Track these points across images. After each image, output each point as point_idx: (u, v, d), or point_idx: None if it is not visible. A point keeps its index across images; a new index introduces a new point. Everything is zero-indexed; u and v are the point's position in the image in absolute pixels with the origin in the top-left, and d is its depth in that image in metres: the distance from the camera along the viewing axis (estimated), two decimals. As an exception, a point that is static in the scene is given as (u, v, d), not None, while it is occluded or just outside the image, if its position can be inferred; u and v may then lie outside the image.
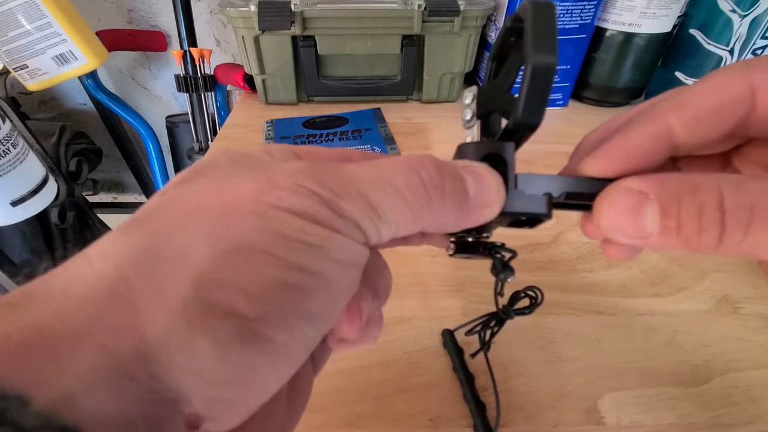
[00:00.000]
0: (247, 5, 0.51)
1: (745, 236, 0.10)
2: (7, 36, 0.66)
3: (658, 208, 0.11)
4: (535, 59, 0.11)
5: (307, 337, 0.11)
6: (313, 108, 0.62)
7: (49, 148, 0.79)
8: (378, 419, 0.25)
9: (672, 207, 0.11)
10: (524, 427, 0.25)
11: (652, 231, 0.11)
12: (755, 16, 0.48)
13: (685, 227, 0.11)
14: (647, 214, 0.11)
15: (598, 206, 0.13)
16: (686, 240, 0.11)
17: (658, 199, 0.11)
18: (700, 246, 0.11)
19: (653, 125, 0.13)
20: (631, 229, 0.12)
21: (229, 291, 0.10)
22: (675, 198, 0.11)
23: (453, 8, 0.52)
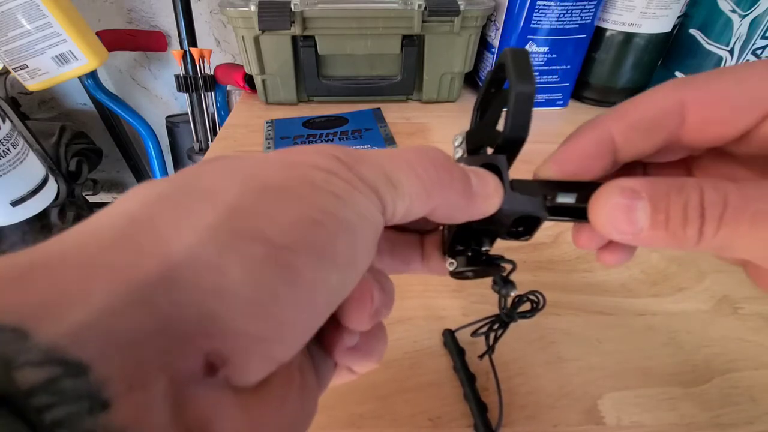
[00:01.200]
0: (247, 5, 0.51)
1: (718, 229, 0.11)
2: (7, 36, 0.66)
3: (649, 204, 0.12)
4: (518, 87, 0.14)
5: (330, 283, 0.11)
6: (313, 108, 0.62)
7: (49, 148, 0.79)
8: (378, 419, 0.25)
9: (661, 202, 0.12)
10: (525, 427, 0.25)
11: (643, 226, 0.12)
12: (755, 16, 0.48)
13: (673, 221, 0.12)
14: (639, 210, 0.12)
15: (595, 203, 0.13)
16: (673, 234, 0.12)
17: (649, 196, 0.12)
18: (685, 239, 0.12)
19: (595, 132, 0.15)
20: (625, 223, 0.13)
21: (259, 219, 0.10)
22: (664, 195, 0.12)
23: (453, 8, 0.52)
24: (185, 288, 0.09)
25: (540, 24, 0.53)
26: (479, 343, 0.30)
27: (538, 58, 0.56)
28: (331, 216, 0.11)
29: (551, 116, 0.61)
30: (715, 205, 0.12)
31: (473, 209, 0.14)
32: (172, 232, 0.09)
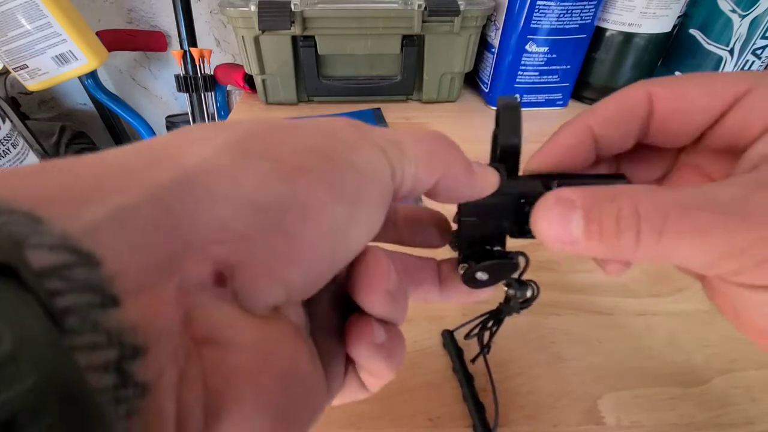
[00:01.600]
0: (247, 5, 0.51)
1: (660, 239, 0.11)
2: (7, 36, 0.66)
3: (582, 213, 0.12)
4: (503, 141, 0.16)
5: (337, 215, 0.11)
6: (313, 108, 0.62)
7: (49, 148, 0.79)
8: (378, 419, 0.25)
9: (593, 212, 0.12)
10: (524, 427, 0.25)
11: (578, 236, 0.12)
12: (755, 16, 0.48)
13: (606, 231, 0.12)
14: (573, 220, 0.12)
15: (534, 213, 0.14)
16: (608, 244, 0.12)
17: (583, 205, 0.12)
18: (621, 249, 0.12)
19: (575, 125, 0.15)
20: (562, 234, 0.13)
21: (272, 143, 0.11)
22: (596, 204, 0.12)
23: (453, 8, 0.52)
24: (198, 193, 0.09)
25: (540, 24, 0.53)
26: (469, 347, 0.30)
27: (538, 58, 0.56)
28: (340, 154, 0.12)
29: (551, 116, 0.61)
30: (654, 215, 0.11)
31: (474, 184, 0.15)
32: (189, 148, 0.10)
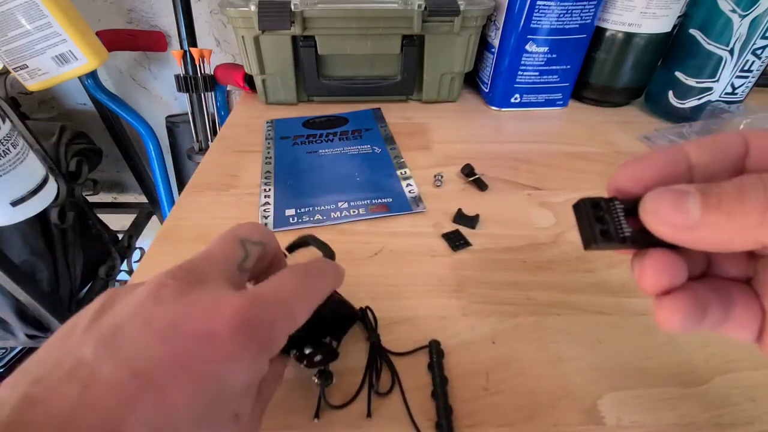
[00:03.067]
0: (247, 5, 0.51)
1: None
2: (7, 36, 0.65)
3: (699, 195, 0.13)
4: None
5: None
6: (313, 108, 0.62)
7: (49, 148, 0.79)
8: (378, 419, 0.25)
9: (712, 190, 0.13)
10: (524, 427, 0.25)
11: (695, 214, 0.12)
12: (755, 16, 0.48)
13: (726, 200, 0.12)
14: (690, 199, 0.13)
15: (645, 199, 0.14)
16: (729, 213, 0.12)
17: (699, 190, 0.13)
18: (745, 216, 0.12)
19: (673, 147, 0.16)
20: (675, 213, 0.13)
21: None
22: (713, 187, 0.13)
23: (453, 8, 0.52)
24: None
25: (540, 24, 0.53)
26: (482, 352, 0.30)
27: (538, 58, 0.56)
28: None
29: (551, 116, 0.61)
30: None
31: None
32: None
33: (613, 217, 0.15)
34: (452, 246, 0.37)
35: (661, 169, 0.15)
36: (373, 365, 0.28)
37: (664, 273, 0.15)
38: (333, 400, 0.26)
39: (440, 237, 0.38)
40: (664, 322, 0.15)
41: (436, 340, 0.29)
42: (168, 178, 0.98)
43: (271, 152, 0.51)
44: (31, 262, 0.79)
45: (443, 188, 0.45)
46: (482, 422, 0.25)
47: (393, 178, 0.46)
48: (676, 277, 0.15)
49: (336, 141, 0.53)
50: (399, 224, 0.40)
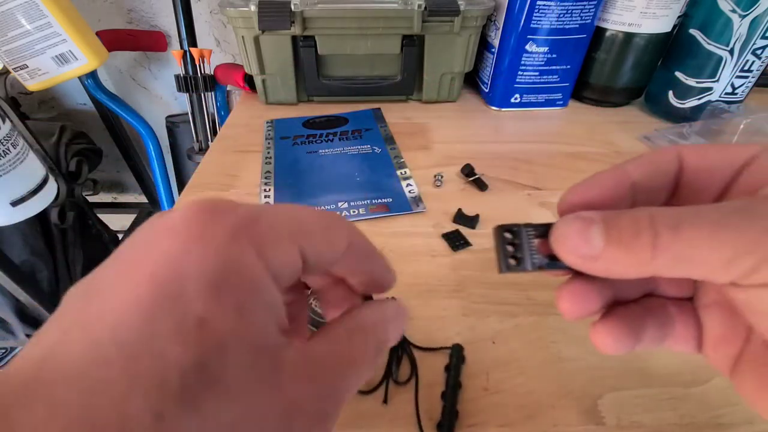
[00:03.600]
0: (247, 5, 0.51)
1: (676, 236, 0.12)
2: (7, 36, 0.65)
3: (602, 225, 0.13)
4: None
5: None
6: (313, 108, 0.62)
7: (49, 148, 0.79)
8: (378, 419, 0.25)
9: (613, 222, 0.13)
10: (524, 427, 0.25)
11: (598, 244, 0.13)
12: (755, 16, 0.48)
13: (625, 233, 0.13)
14: (594, 231, 0.13)
15: (554, 229, 0.15)
16: (627, 246, 0.13)
17: (602, 219, 0.13)
18: (640, 251, 0.12)
19: (615, 168, 0.16)
20: (581, 242, 0.13)
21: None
22: (615, 216, 0.13)
23: (453, 8, 0.52)
24: None
25: (540, 24, 0.53)
26: (482, 352, 0.30)
27: (538, 58, 0.56)
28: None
29: (551, 116, 0.61)
30: (669, 218, 0.12)
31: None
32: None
33: (526, 244, 0.16)
34: (452, 246, 0.37)
35: (604, 190, 0.16)
36: (394, 355, 0.28)
37: (576, 302, 0.15)
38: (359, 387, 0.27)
39: (440, 237, 0.38)
40: (598, 345, 0.16)
41: (459, 344, 0.29)
42: (168, 178, 0.98)
43: (271, 152, 0.51)
44: (31, 262, 0.79)
45: (443, 188, 0.45)
46: (482, 422, 0.25)
47: (393, 178, 0.46)
48: (588, 306, 0.16)
49: (336, 141, 0.53)
50: (399, 224, 0.40)
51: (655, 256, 0.12)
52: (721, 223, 0.12)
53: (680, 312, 0.16)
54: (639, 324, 0.16)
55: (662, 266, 0.12)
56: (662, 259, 0.12)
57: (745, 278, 0.12)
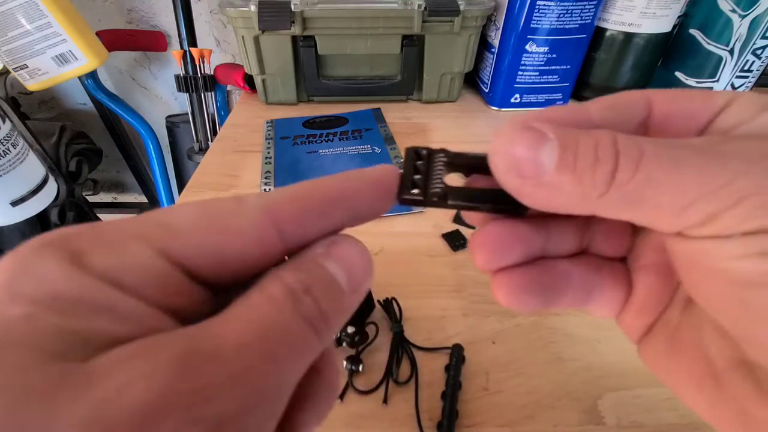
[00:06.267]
0: (247, 5, 0.51)
1: (635, 173, 0.10)
2: (7, 36, 0.66)
3: (557, 144, 0.11)
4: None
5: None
6: (313, 108, 0.62)
7: (49, 148, 0.79)
8: (378, 419, 0.25)
9: (570, 142, 0.11)
10: (524, 427, 0.25)
11: (548, 167, 0.11)
12: (755, 16, 0.48)
13: (581, 161, 0.11)
14: (545, 150, 0.11)
15: (496, 137, 0.12)
16: (581, 177, 0.11)
17: (557, 137, 0.11)
18: (594, 185, 0.11)
19: (573, 105, 0.13)
20: (528, 161, 0.11)
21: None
22: (573, 136, 0.11)
23: (453, 8, 0.52)
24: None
25: (540, 24, 0.53)
26: (482, 352, 0.30)
27: (538, 58, 0.56)
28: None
29: (551, 116, 0.61)
30: (631, 147, 0.10)
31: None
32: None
33: (432, 170, 0.13)
34: (452, 246, 0.37)
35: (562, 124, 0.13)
36: (394, 355, 0.28)
37: (495, 249, 0.13)
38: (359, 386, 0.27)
39: (440, 237, 0.38)
40: (498, 298, 0.13)
41: (459, 344, 0.29)
42: (168, 178, 0.98)
43: (271, 152, 0.51)
44: (31, 262, 0.79)
45: (443, 188, 0.45)
46: (482, 422, 0.25)
47: (393, 178, 0.46)
48: (510, 255, 0.13)
49: (336, 141, 0.53)
50: (399, 224, 0.40)
51: (608, 193, 0.11)
52: (683, 162, 0.10)
53: (612, 274, 0.15)
54: (554, 283, 0.14)
55: (607, 205, 0.11)
56: (612, 198, 0.11)
57: (695, 228, 0.10)
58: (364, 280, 0.12)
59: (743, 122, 0.12)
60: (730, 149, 0.10)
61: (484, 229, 0.13)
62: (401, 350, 0.29)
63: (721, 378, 0.12)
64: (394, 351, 0.28)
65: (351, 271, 0.12)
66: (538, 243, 0.14)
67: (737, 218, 0.09)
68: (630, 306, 0.15)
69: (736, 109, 0.12)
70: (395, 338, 0.29)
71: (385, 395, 0.27)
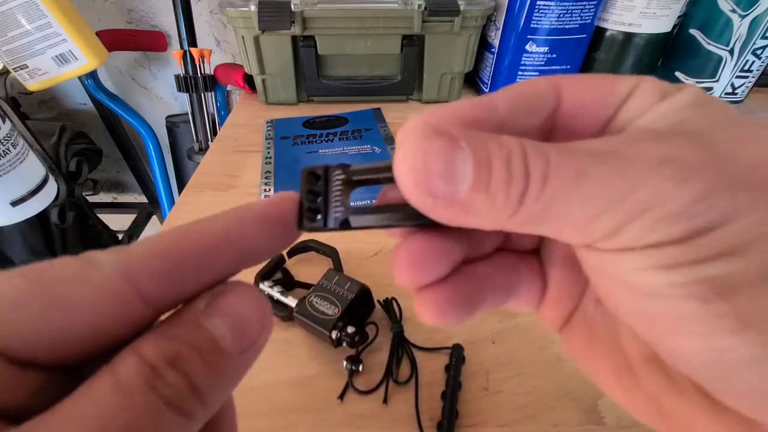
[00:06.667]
0: (247, 5, 0.51)
1: (543, 189, 0.09)
2: (7, 36, 0.65)
3: (471, 156, 0.10)
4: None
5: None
6: (313, 108, 0.62)
7: (49, 148, 0.79)
8: (378, 419, 0.25)
9: (482, 153, 0.10)
10: (524, 427, 0.25)
11: (463, 183, 0.10)
12: (755, 16, 0.48)
13: (495, 177, 0.09)
14: (458, 162, 0.10)
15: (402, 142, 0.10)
16: (493, 198, 0.10)
17: (470, 145, 0.10)
18: (505, 205, 0.10)
19: (479, 99, 0.12)
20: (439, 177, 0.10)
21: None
22: (484, 145, 0.10)
23: (453, 8, 0.52)
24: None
25: (540, 24, 0.53)
26: (482, 352, 0.30)
27: (538, 58, 0.56)
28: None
29: (551, 116, 0.61)
30: (539, 159, 0.09)
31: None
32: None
33: (330, 191, 0.12)
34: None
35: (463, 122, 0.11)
36: (394, 355, 0.28)
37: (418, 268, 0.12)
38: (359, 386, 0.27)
39: (440, 237, 0.38)
40: (424, 317, 0.12)
41: (459, 344, 0.29)
42: (168, 178, 0.98)
43: (271, 152, 0.51)
44: (31, 262, 0.79)
45: (443, 188, 0.45)
46: (482, 422, 0.25)
47: (393, 178, 0.46)
48: (435, 271, 0.12)
49: (336, 141, 0.53)
50: (399, 224, 0.40)
51: (518, 212, 0.10)
52: (586, 174, 0.09)
53: (528, 268, 0.14)
54: (477, 290, 0.13)
55: (516, 223, 0.10)
56: (520, 216, 0.10)
57: (600, 242, 0.10)
58: (259, 334, 0.10)
59: (645, 110, 0.11)
60: (630, 153, 0.10)
61: (405, 245, 0.12)
62: (401, 350, 0.29)
63: (636, 370, 0.12)
64: (394, 351, 0.28)
65: (239, 326, 0.10)
66: (460, 251, 0.13)
67: (639, 231, 0.09)
68: (546, 299, 0.15)
69: (639, 97, 0.12)
70: (395, 338, 0.29)
71: (385, 395, 0.27)
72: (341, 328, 0.27)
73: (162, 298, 0.10)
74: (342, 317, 0.28)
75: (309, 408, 0.26)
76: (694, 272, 0.09)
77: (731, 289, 0.09)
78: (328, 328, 0.27)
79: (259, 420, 0.25)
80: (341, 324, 0.27)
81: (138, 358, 0.09)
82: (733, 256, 0.09)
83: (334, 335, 0.27)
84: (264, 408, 0.26)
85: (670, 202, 0.09)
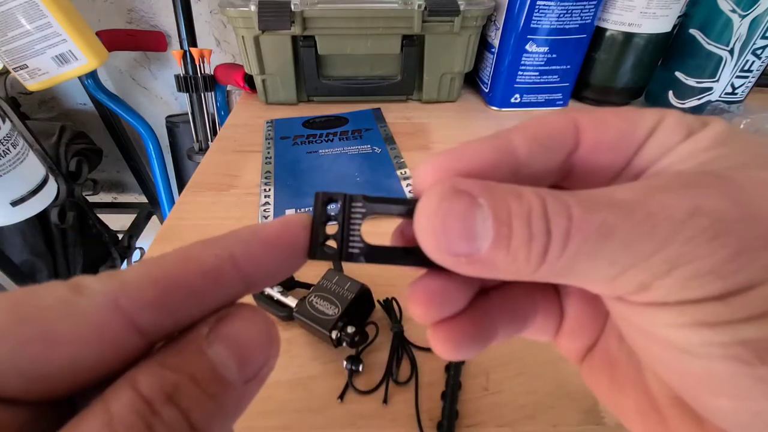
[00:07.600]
0: (247, 5, 0.51)
1: (566, 247, 0.09)
2: (7, 36, 0.65)
3: (490, 214, 0.10)
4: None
5: None
6: (313, 108, 0.62)
7: (49, 148, 0.79)
8: (378, 419, 0.25)
9: (502, 211, 0.10)
10: (524, 427, 0.25)
11: (483, 242, 0.10)
12: (755, 16, 0.48)
13: (516, 235, 0.09)
14: (478, 219, 0.10)
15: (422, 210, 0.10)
16: (515, 255, 0.10)
17: (488, 202, 0.10)
18: (527, 263, 0.10)
19: (496, 138, 0.12)
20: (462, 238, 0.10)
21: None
22: (503, 201, 0.10)
23: (453, 8, 0.52)
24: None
25: (540, 24, 0.53)
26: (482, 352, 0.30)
27: (538, 58, 0.56)
28: None
29: (551, 116, 0.61)
30: (560, 216, 0.09)
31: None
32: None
33: (348, 221, 0.12)
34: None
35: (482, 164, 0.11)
36: (394, 354, 0.28)
37: (435, 305, 0.12)
38: (359, 386, 0.27)
39: (440, 237, 0.38)
40: (438, 351, 0.12)
41: None
42: (168, 178, 0.98)
43: (271, 152, 0.51)
44: (31, 262, 0.79)
45: (443, 188, 0.45)
46: (482, 422, 0.25)
47: (393, 178, 0.46)
48: (451, 307, 0.12)
49: (336, 141, 0.53)
50: (399, 224, 0.40)
51: (540, 269, 0.10)
52: (610, 231, 0.09)
53: (544, 297, 0.14)
54: (492, 322, 0.13)
55: (539, 277, 0.10)
56: (543, 271, 0.10)
57: (629, 295, 0.10)
58: (265, 362, 0.10)
59: (669, 149, 0.11)
60: (656, 204, 0.09)
61: (422, 281, 0.12)
62: (401, 350, 0.29)
63: (664, 412, 0.12)
64: (394, 351, 0.28)
65: (243, 353, 0.09)
66: (476, 287, 0.13)
67: (670, 289, 0.09)
68: (563, 331, 0.14)
69: (663, 134, 0.11)
70: (395, 338, 0.29)
71: (385, 395, 0.27)
72: (341, 328, 0.27)
73: (158, 327, 0.09)
74: (342, 317, 0.28)
75: (309, 408, 0.26)
76: (734, 333, 0.09)
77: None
78: (328, 328, 0.27)
79: (259, 420, 0.25)
80: (341, 324, 0.27)
81: (133, 392, 0.08)
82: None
83: (334, 335, 0.27)
84: (264, 408, 0.26)
85: (700, 261, 0.09)
